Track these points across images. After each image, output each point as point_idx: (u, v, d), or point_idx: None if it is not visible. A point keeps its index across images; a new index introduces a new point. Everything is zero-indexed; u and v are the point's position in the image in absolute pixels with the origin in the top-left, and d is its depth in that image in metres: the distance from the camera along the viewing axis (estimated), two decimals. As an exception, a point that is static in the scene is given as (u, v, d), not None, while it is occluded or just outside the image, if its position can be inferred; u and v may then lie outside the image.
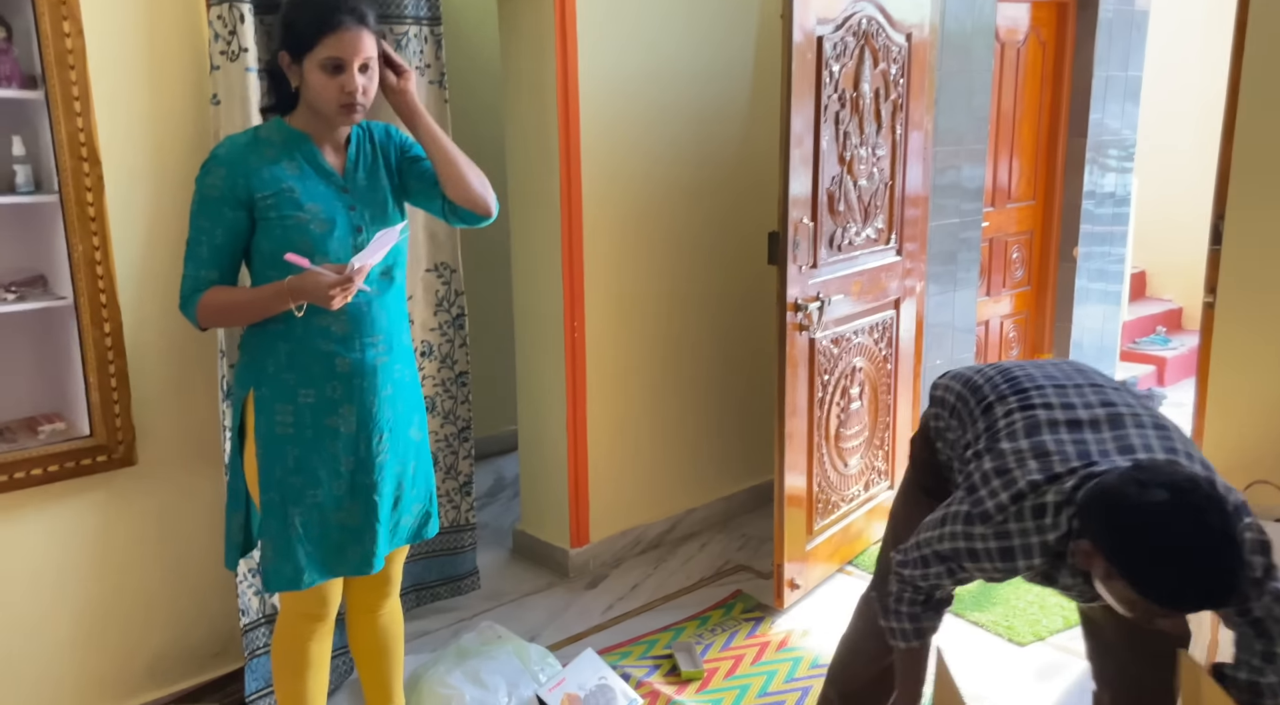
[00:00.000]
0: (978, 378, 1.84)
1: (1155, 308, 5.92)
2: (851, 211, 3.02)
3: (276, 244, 1.77)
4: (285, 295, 1.74)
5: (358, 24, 1.74)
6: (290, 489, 1.83)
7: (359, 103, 1.76)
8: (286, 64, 1.78)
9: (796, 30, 2.61)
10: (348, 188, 1.84)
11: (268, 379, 1.83)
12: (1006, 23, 4.18)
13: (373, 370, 1.85)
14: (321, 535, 1.85)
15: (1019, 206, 4.52)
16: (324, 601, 1.95)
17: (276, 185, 1.77)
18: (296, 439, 1.82)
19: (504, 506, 3.81)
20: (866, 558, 3.26)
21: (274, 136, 1.82)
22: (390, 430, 1.90)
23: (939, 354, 4.06)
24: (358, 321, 1.82)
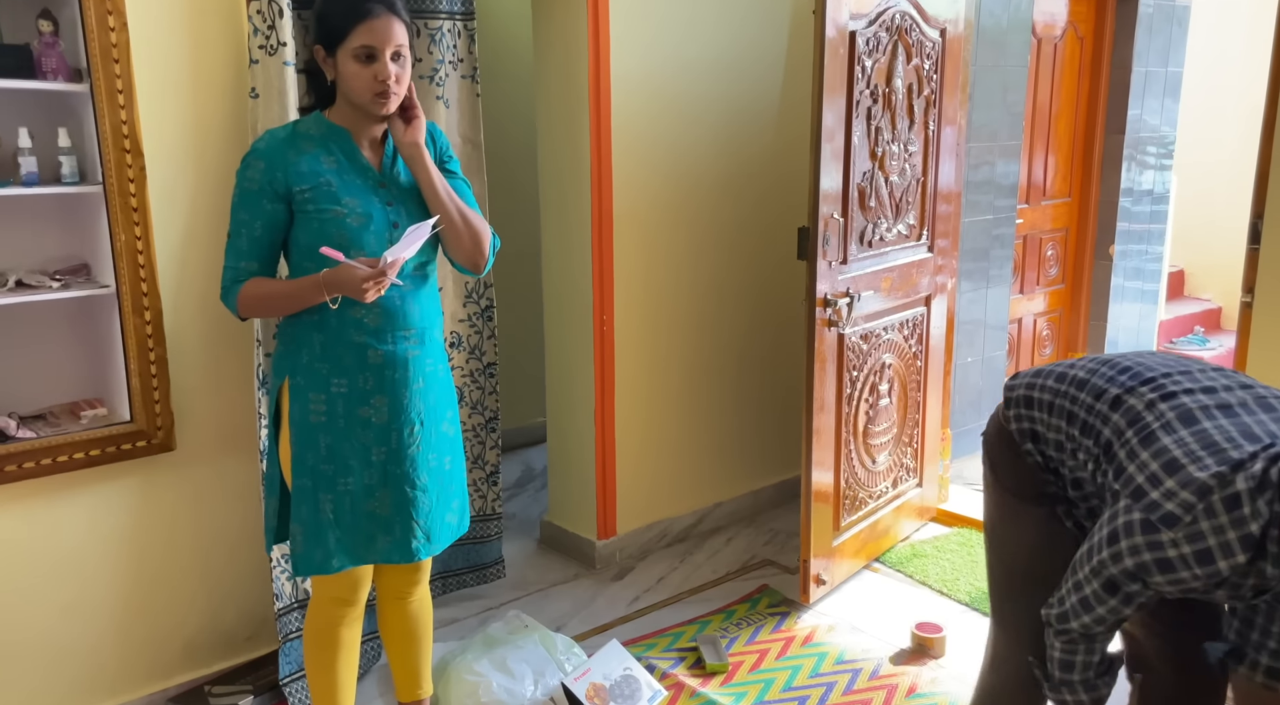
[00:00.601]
0: (1079, 373, 1.73)
1: (1194, 307, 5.83)
2: (883, 207, 3.01)
3: (314, 237, 1.80)
4: (320, 287, 1.77)
5: (388, 12, 1.76)
6: (322, 476, 1.87)
7: (392, 91, 1.78)
8: (321, 58, 1.81)
9: (829, 25, 2.60)
10: (385, 183, 1.87)
11: (302, 368, 1.86)
12: (1044, 17, 4.14)
13: (404, 363, 1.88)
14: (352, 523, 1.89)
15: (1054, 203, 4.47)
16: (355, 587, 1.98)
17: (315, 179, 1.80)
18: (329, 427, 1.86)
19: (532, 497, 3.84)
20: (894, 555, 3.25)
21: (313, 131, 1.85)
22: (422, 423, 1.93)
23: (970, 352, 4.03)
24: (390, 315, 1.85)
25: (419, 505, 1.94)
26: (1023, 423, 1.78)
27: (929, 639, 2.66)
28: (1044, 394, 1.76)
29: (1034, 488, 1.78)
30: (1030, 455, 1.78)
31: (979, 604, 2.92)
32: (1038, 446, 1.77)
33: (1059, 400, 1.72)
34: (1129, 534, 1.45)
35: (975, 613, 2.89)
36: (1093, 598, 1.52)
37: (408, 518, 1.93)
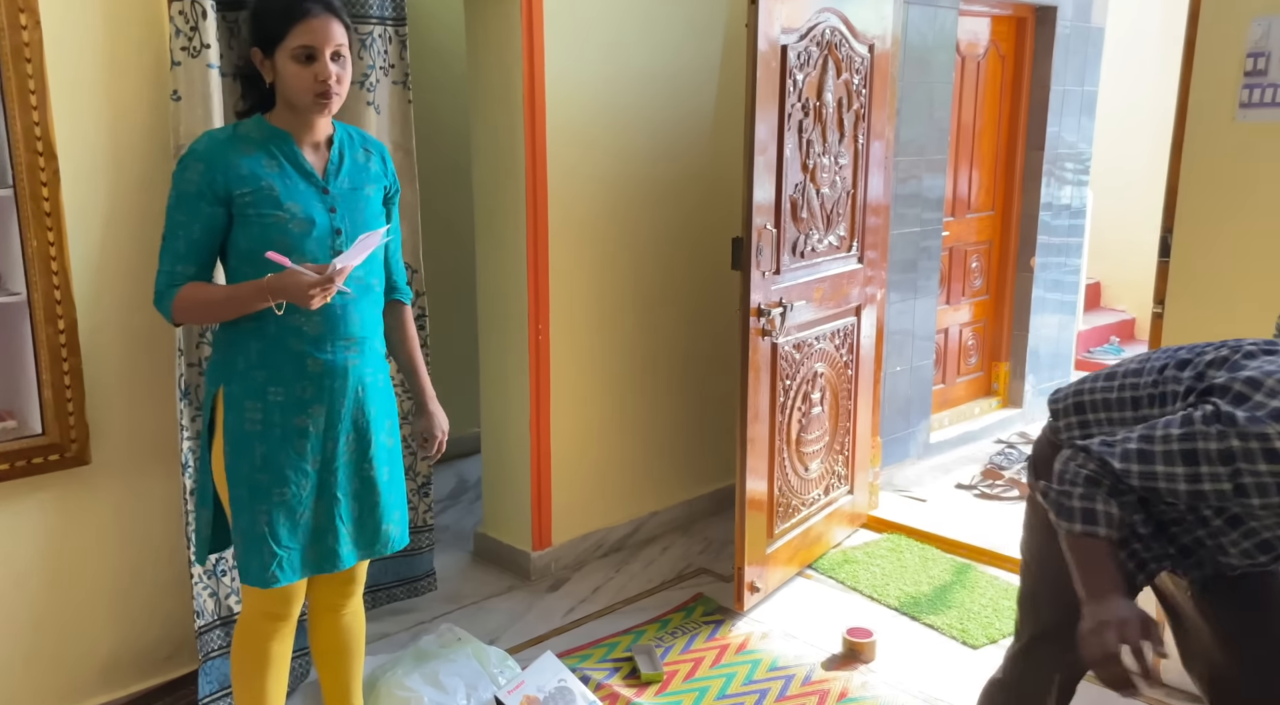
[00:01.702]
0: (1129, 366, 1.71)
1: (1110, 318, 6.05)
2: (814, 219, 3.06)
3: (254, 241, 1.77)
4: (265, 293, 1.73)
5: (326, 12, 1.74)
6: (258, 486, 1.83)
7: (334, 90, 1.76)
8: (259, 60, 1.78)
9: (761, 39, 2.64)
10: (328, 189, 1.84)
11: (237, 376, 1.83)
12: (967, 36, 4.26)
13: (344, 372, 1.85)
14: (288, 534, 1.85)
15: (978, 217, 4.60)
16: (287, 601, 1.94)
17: (255, 182, 1.76)
18: (264, 436, 1.82)
19: (466, 509, 3.80)
20: (826, 561, 3.29)
21: (254, 134, 1.81)
22: (360, 433, 1.90)
23: (899, 361, 4.12)
24: (332, 323, 1.82)
25: (352, 515, 1.91)
26: (1074, 431, 1.76)
27: (860, 644, 2.70)
28: (1094, 395, 1.74)
29: None
30: None
31: (908, 608, 2.98)
32: None
33: (1117, 392, 1.71)
34: (1232, 422, 1.39)
35: (904, 617, 2.94)
36: (1162, 455, 1.44)
37: (341, 527, 1.90)
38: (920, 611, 2.95)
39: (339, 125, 1.90)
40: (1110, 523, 1.49)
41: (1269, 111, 2.45)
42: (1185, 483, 1.43)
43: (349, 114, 2.49)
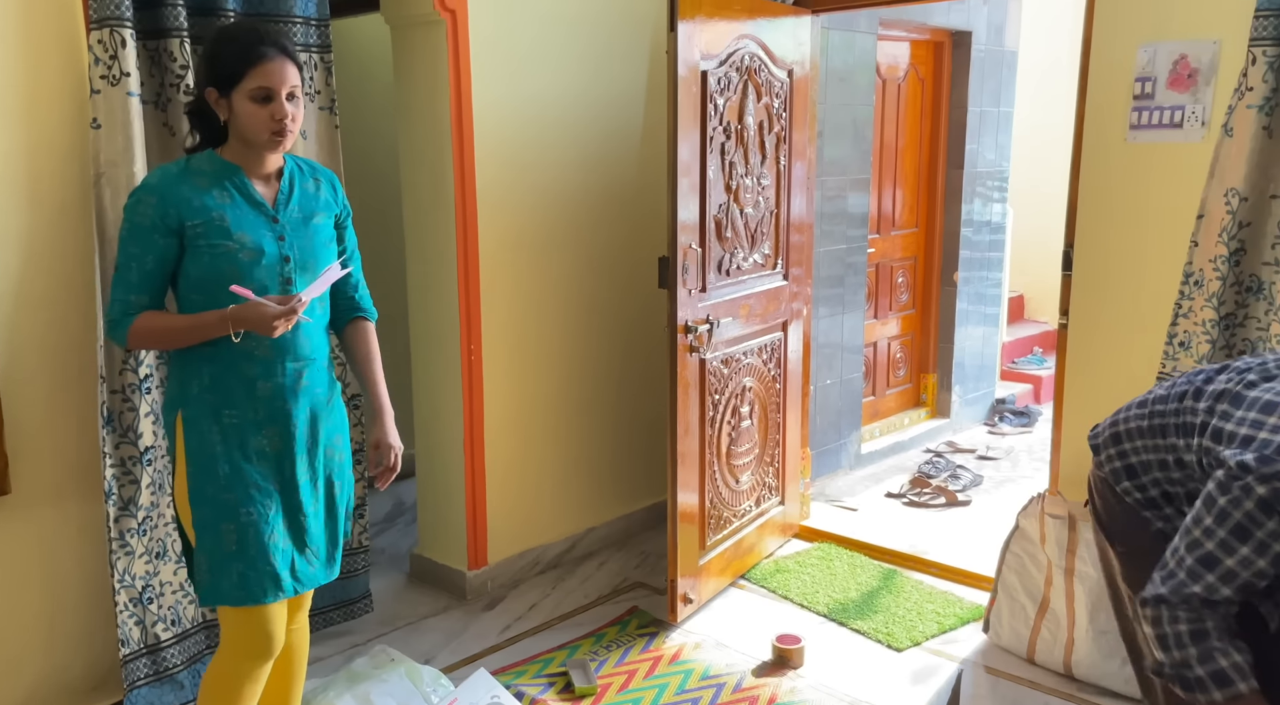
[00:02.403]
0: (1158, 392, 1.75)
1: (1033, 329, 6.26)
2: (738, 238, 3.15)
3: (204, 270, 1.82)
4: (226, 322, 1.79)
5: (281, 54, 1.82)
6: (223, 505, 1.85)
7: (289, 129, 1.83)
8: (214, 99, 1.84)
9: (681, 65, 2.73)
10: (278, 218, 1.89)
11: (192, 400, 1.87)
12: (887, 59, 4.42)
13: (294, 393, 1.90)
14: (257, 554, 1.87)
15: (903, 233, 4.75)
16: (269, 637, 1.93)
17: (206, 214, 1.81)
18: (226, 456, 1.86)
19: (401, 531, 3.79)
20: (758, 571, 3.36)
21: (205, 167, 1.86)
22: (313, 453, 1.94)
23: (830, 374, 4.23)
24: (280, 346, 1.87)
25: (312, 533, 1.95)
26: (1115, 462, 1.77)
27: (788, 650, 2.77)
28: (1129, 424, 1.77)
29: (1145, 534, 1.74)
30: (1129, 494, 1.76)
31: (836, 615, 3.06)
32: (1136, 481, 1.75)
33: (1147, 420, 1.74)
34: (1244, 472, 1.39)
35: (832, 623, 3.02)
36: (1220, 548, 1.42)
37: (302, 546, 1.93)
38: (848, 617, 3.04)
39: (289, 157, 1.96)
40: (1243, 673, 1.41)
41: (1156, 132, 2.61)
42: (1259, 556, 1.40)
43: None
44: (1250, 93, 2.33)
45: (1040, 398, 5.56)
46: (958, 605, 3.10)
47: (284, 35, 1.90)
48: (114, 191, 2.21)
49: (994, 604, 2.86)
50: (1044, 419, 5.14)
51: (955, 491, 4.12)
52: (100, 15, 2.15)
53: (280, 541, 1.89)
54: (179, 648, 2.47)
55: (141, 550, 2.35)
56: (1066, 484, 2.86)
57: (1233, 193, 2.38)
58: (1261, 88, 2.31)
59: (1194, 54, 2.53)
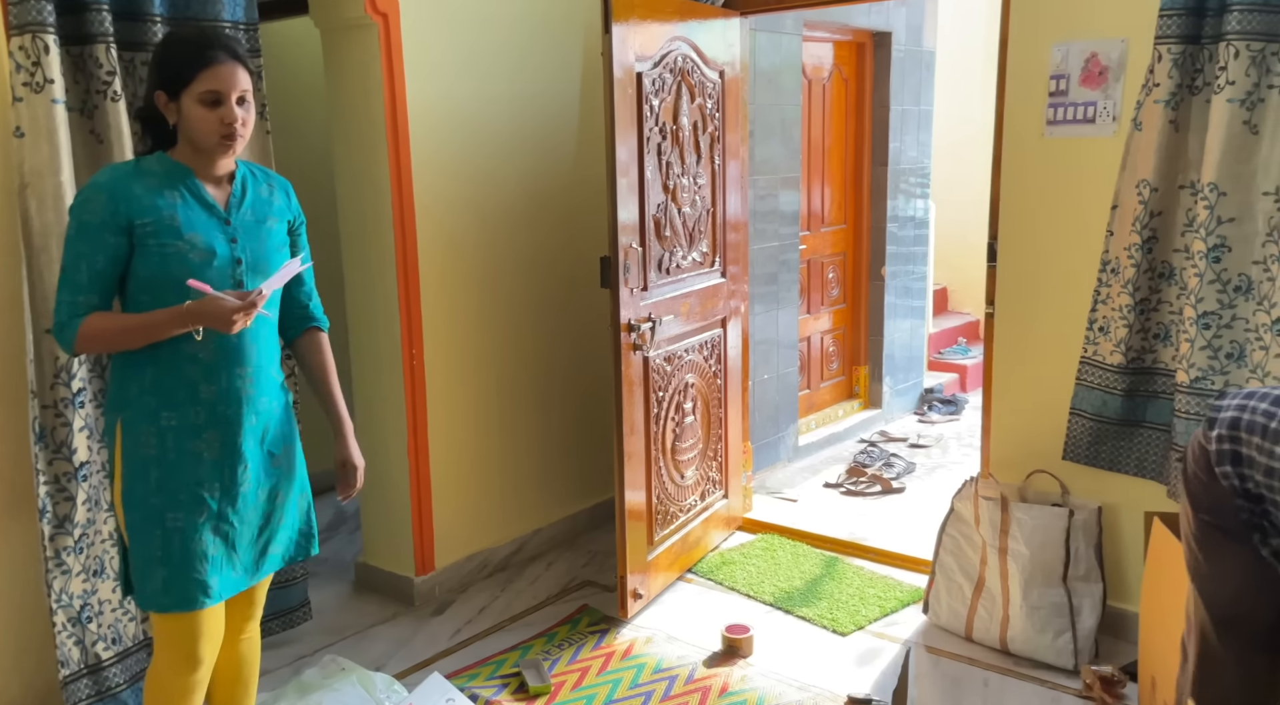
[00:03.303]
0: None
1: (957, 321, 6.46)
2: (677, 236, 3.19)
3: (153, 270, 1.79)
4: (184, 318, 1.76)
5: (231, 58, 1.81)
6: (152, 510, 1.82)
7: (239, 133, 1.82)
8: (164, 103, 1.81)
9: (617, 67, 2.76)
10: (230, 221, 1.87)
11: (131, 403, 1.83)
12: (812, 60, 4.52)
13: (237, 400, 1.86)
14: (183, 561, 1.83)
15: (832, 230, 4.87)
16: (197, 648, 1.89)
17: (156, 213, 1.79)
18: (159, 460, 1.82)
19: (345, 541, 3.75)
20: (705, 564, 3.42)
21: (156, 167, 1.84)
22: (254, 461, 1.91)
23: (766, 370, 4.31)
24: (225, 351, 1.84)
25: (243, 539, 1.91)
26: (1224, 444, 1.75)
27: (738, 640, 2.83)
28: (1256, 416, 1.72)
29: (1231, 515, 1.75)
30: (1227, 478, 1.75)
31: (782, 603, 3.13)
32: (1238, 469, 1.74)
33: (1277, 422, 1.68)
34: None
35: (779, 612, 3.09)
36: None
37: (233, 552, 1.89)
38: (793, 605, 3.11)
39: (241, 162, 1.94)
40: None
41: (1071, 128, 2.74)
42: None
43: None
44: (1157, 88, 2.46)
45: (966, 386, 5.75)
46: (898, 588, 3.20)
47: (234, 40, 1.88)
48: (39, 202, 2.15)
49: (932, 585, 2.97)
50: (971, 406, 5.32)
51: (890, 479, 4.24)
52: (21, 21, 2.09)
53: (210, 548, 1.85)
54: (121, 666, 2.41)
55: (79, 568, 2.29)
56: (998, 467, 2.98)
57: (1144, 184, 2.51)
58: (1167, 83, 2.45)
59: (1104, 52, 2.66)
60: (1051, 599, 2.70)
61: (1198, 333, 2.47)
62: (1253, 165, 2.39)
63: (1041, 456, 2.86)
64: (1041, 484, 2.85)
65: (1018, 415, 2.93)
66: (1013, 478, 2.91)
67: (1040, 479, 2.85)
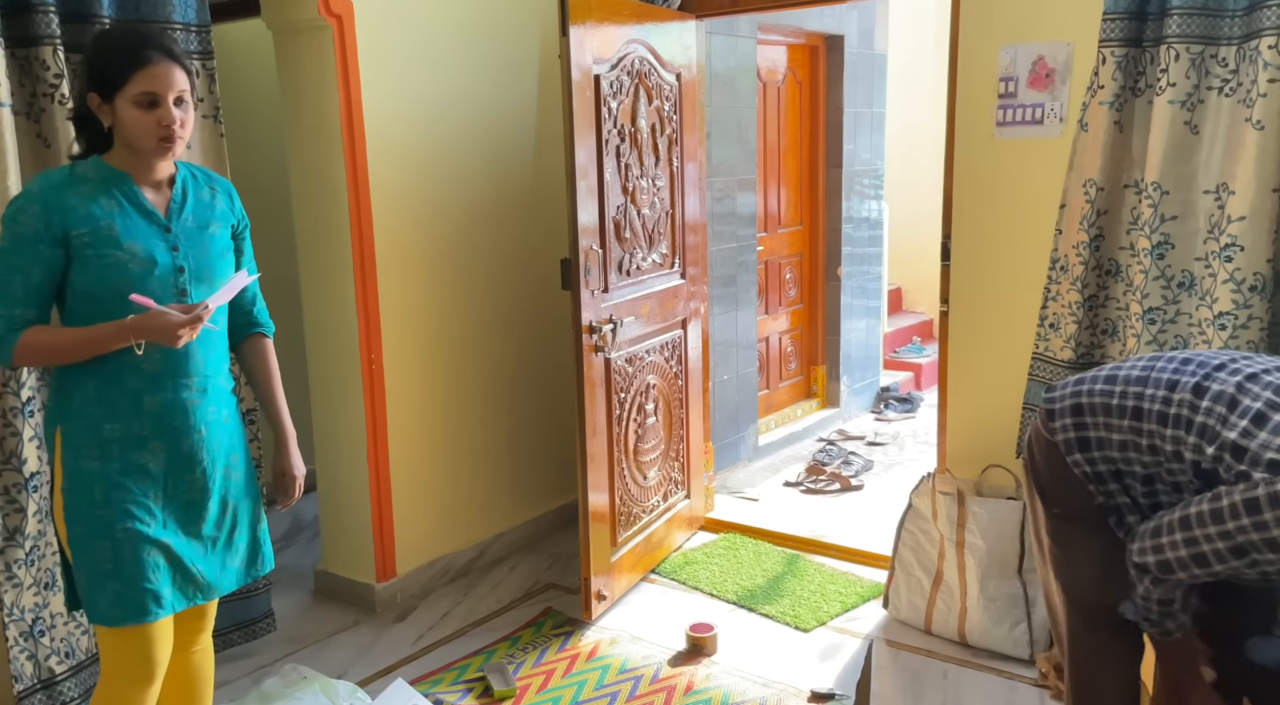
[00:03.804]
0: (1132, 372, 1.76)
1: (911, 320, 6.56)
2: (637, 238, 3.21)
3: (92, 282, 1.74)
4: (126, 333, 1.71)
5: (168, 58, 1.75)
6: (97, 522, 1.77)
7: (177, 135, 1.77)
8: (97, 105, 1.76)
9: (575, 69, 2.77)
10: (171, 228, 1.82)
11: (74, 414, 1.78)
12: (767, 63, 4.57)
13: (184, 410, 1.82)
14: (134, 572, 1.78)
15: (789, 231, 4.92)
16: (149, 660, 1.84)
17: (93, 223, 1.73)
18: (103, 473, 1.78)
19: (303, 548, 3.70)
20: (668, 564, 3.43)
21: (91, 174, 1.78)
22: (203, 471, 1.87)
23: (726, 370, 4.34)
24: (171, 362, 1.80)
25: (194, 551, 1.87)
26: (1069, 432, 1.79)
27: (702, 638, 2.84)
28: (1095, 397, 1.76)
29: (1084, 503, 1.79)
30: (1078, 465, 1.78)
31: (745, 601, 3.15)
32: (1088, 455, 1.77)
33: (1119, 400, 1.73)
34: (1273, 506, 1.45)
35: (742, 610, 3.12)
36: (1212, 556, 1.53)
37: (184, 563, 1.85)
38: (756, 603, 3.14)
39: (181, 165, 1.89)
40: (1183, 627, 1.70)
41: (1020, 129, 2.80)
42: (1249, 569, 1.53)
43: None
44: (1102, 90, 2.53)
45: (921, 384, 5.84)
46: (858, 584, 3.24)
47: (169, 39, 1.84)
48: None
49: (892, 580, 3.01)
50: (926, 404, 5.40)
51: (848, 477, 4.29)
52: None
53: (161, 558, 1.81)
54: (75, 680, 2.35)
55: (30, 582, 2.24)
56: (954, 462, 3.04)
57: (1090, 183, 2.58)
58: (1111, 85, 2.51)
59: (1050, 55, 2.73)
60: (1007, 591, 2.75)
61: (1144, 328, 2.54)
62: (1193, 164, 2.47)
63: (996, 451, 2.92)
64: (996, 478, 2.91)
65: (972, 411, 2.99)
66: (968, 473, 2.97)
67: (995, 473, 2.91)
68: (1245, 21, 2.35)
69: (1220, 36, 2.40)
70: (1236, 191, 2.36)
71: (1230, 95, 2.39)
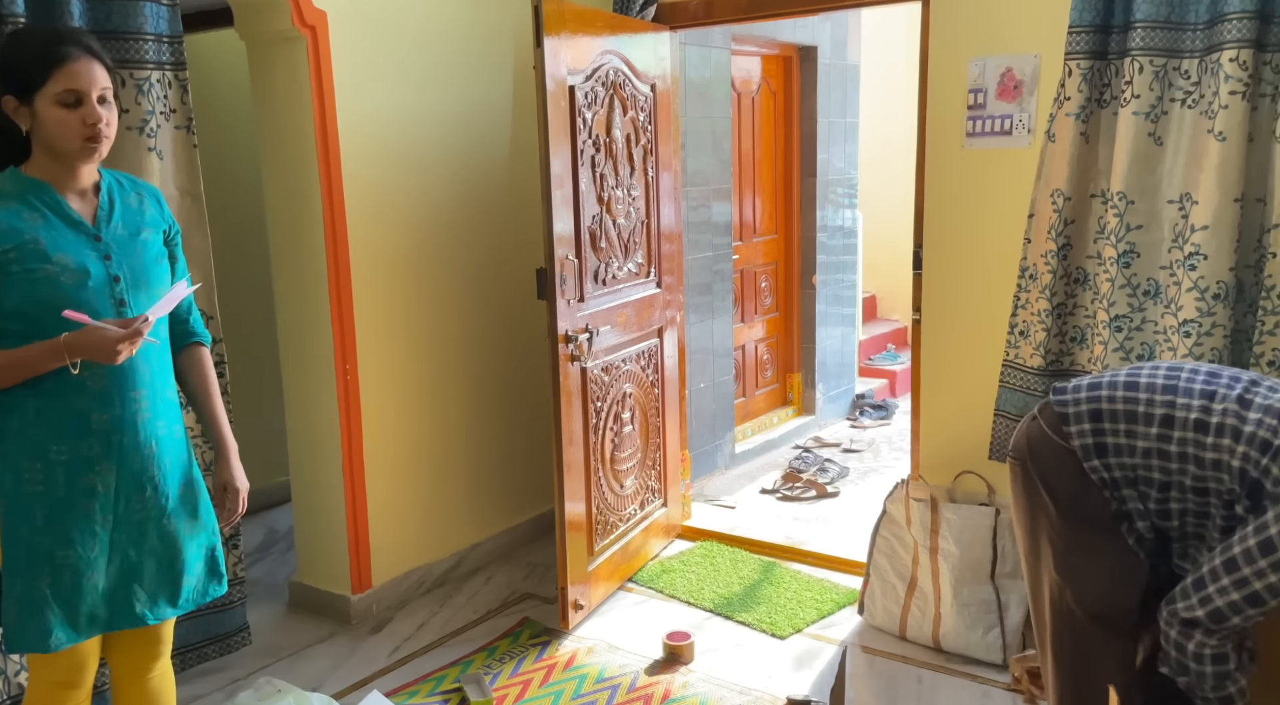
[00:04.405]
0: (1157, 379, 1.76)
1: (886, 327, 6.62)
2: (613, 248, 3.22)
3: (22, 299, 1.67)
4: (60, 352, 1.65)
5: (87, 54, 1.70)
6: (38, 549, 1.72)
7: (103, 134, 1.71)
8: (13, 108, 1.69)
9: (549, 80, 2.78)
10: (100, 237, 1.76)
11: (12, 435, 1.72)
12: (741, 73, 4.60)
13: (133, 426, 1.77)
14: (73, 596, 1.75)
15: (764, 240, 4.95)
16: (78, 668, 1.82)
17: (18, 238, 1.67)
18: (47, 497, 1.72)
19: (277, 560, 3.67)
20: (645, 572, 3.43)
21: (9, 187, 1.72)
22: (155, 489, 1.82)
23: (702, 378, 4.36)
24: (117, 377, 1.74)
25: (145, 570, 1.82)
26: (1087, 438, 1.78)
27: (679, 647, 2.85)
28: (1117, 404, 1.76)
29: (1102, 509, 1.79)
30: (1095, 471, 1.77)
31: (721, 609, 3.17)
32: (1104, 460, 1.77)
33: (1146, 407, 1.73)
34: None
35: (719, 617, 3.13)
36: (1265, 592, 1.54)
37: (137, 586, 1.81)
38: (733, 610, 3.15)
39: (105, 172, 1.83)
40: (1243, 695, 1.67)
41: (989, 139, 2.85)
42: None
43: (130, 160, 2.41)
44: (1068, 102, 2.57)
45: (896, 391, 5.89)
46: (834, 591, 3.26)
47: (88, 35, 1.76)
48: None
49: (867, 586, 3.03)
50: (901, 411, 5.44)
51: (824, 484, 4.32)
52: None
53: (100, 581, 1.77)
54: (44, 699, 2.32)
55: (-2, 598, 2.20)
56: (927, 469, 3.07)
57: (1058, 193, 2.62)
58: (1077, 97, 2.56)
59: (1018, 67, 2.77)
60: (980, 596, 2.78)
61: (1110, 335, 2.59)
62: (1158, 175, 2.52)
63: (969, 458, 2.95)
64: (969, 484, 2.94)
65: (945, 418, 3.02)
66: (942, 479, 3.00)
67: (968, 479, 2.94)
68: (1206, 35, 2.40)
69: (1183, 49, 2.45)
70: (1200, 201, 2.41)
71: (1193, 107, 2.44)
